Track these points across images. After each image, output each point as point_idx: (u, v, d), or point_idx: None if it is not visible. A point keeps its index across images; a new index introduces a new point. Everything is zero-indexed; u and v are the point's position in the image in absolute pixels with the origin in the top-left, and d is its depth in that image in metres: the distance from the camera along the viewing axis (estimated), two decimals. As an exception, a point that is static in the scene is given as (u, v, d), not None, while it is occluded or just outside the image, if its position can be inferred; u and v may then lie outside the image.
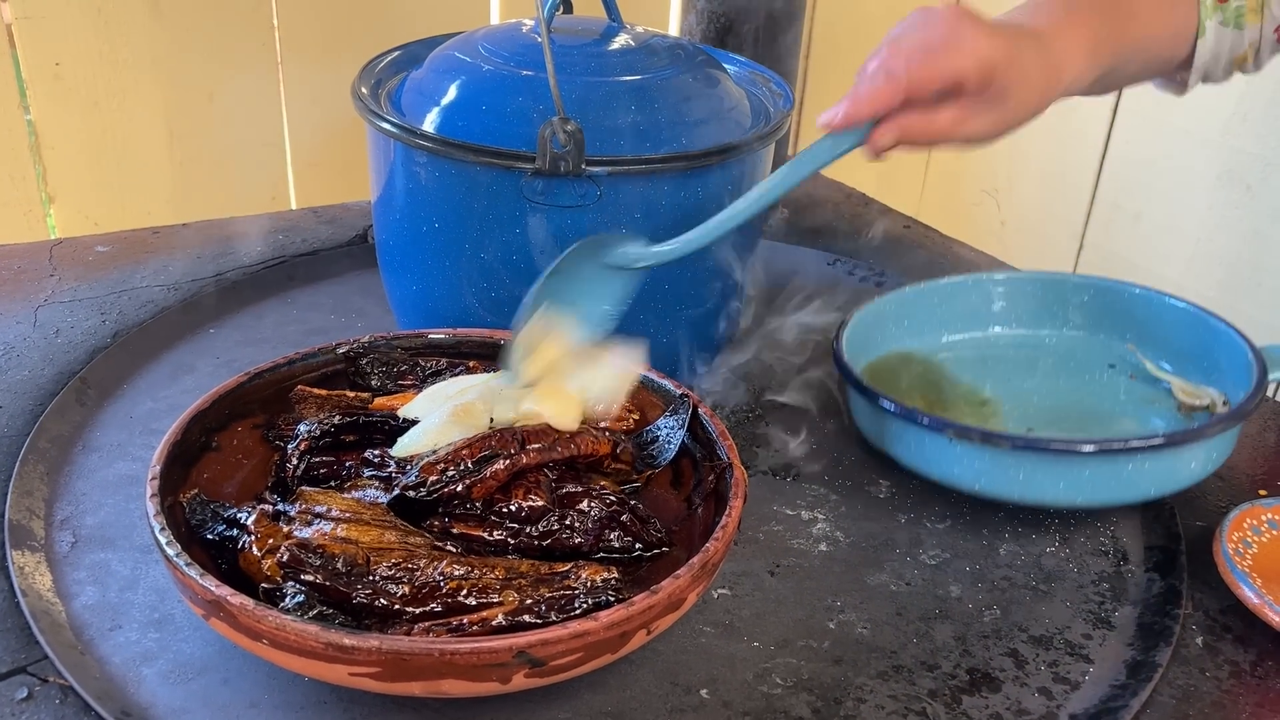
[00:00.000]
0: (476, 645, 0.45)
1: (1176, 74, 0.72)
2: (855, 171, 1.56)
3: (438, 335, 0.68)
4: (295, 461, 0.58)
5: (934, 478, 0.65)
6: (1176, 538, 0.64)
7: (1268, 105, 1.27)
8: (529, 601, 0.49)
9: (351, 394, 0.64)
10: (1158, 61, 0.71)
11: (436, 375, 0.66)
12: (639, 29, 0.75)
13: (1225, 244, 1.33)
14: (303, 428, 0.59)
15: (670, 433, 0.62)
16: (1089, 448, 0.61)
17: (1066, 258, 1.54)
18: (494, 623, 0.48)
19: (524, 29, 0.73)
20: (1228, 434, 0.64)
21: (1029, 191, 1.64)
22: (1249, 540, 0.60)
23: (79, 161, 1.19)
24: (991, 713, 0.52)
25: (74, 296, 0.82)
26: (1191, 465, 0.63)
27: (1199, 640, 0.57)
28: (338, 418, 0.59)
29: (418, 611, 0.49)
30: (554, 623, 0.48)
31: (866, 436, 0.70)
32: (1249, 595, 0.56)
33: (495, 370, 0.66)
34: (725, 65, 0.78)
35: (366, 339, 0.67)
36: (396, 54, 0.77)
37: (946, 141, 0.61)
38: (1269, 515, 0.62)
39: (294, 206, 1.29)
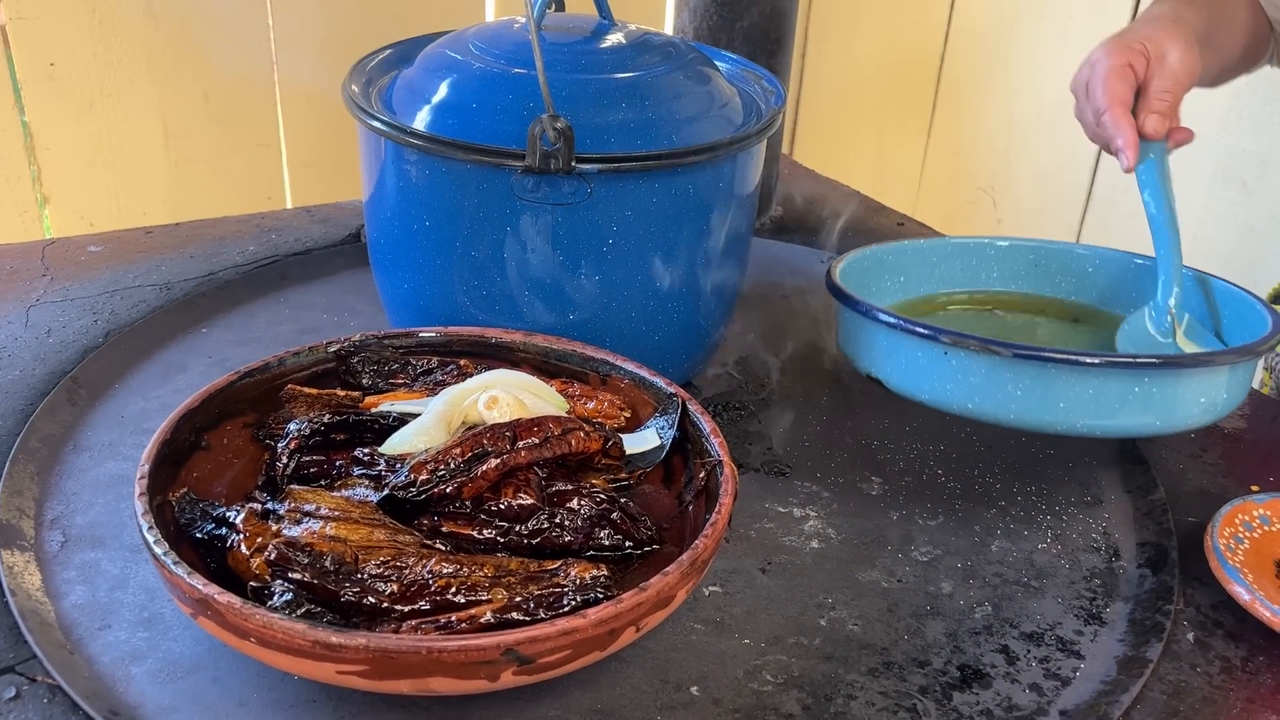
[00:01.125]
0: (464, 643, 0.44)
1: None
2: (852, 170, 1.56)
3: (428, 334, 0.68)
4: (285, 460, 0.58)
5: (922, 398, 0.64)
6: (1168, 533, 0.64)
7: (1263, 103, 1.27)
8: (517, 599, 0.49)
9: (342, 393, 0.64)
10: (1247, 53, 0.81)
11: (427, 374, 0.66)
12: (630, 26, 0.75)
13: (1221, 241, 1.33)
14: (293, 426, 0.59)
15: (661, 431, 0.62)
16: (1094, 359, 0.59)
17: (1063, 255, 1.54)
18: (482, 620, 0.48)
19: (515, 26, 0.73)
20: (1238, 372, 0.62)
21: (1025, 189, 1.64)
22: (1240, 536, 0.60)
23: (74, 162, 1.19)
24: (982, 709, 0.52)
25: (66, 296, 0.82)
26: (1200, 400, 0.61)
27: (1190, 636, 0.57)
28: (328, 417, 0.59)
29: (406, 609, 0.49)
30: (542, 620, 0.48)
31: (854, 360, 0.69)
32: (1240, 591, 0.56)
33: (487, 368, 0.66)
34: (717, 63, 0.78)
35: (357, 337, 0.67)
36: (388, 52, 0.77)
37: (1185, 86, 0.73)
38: (1261, 511, 0.62)
39: (289, 206, 1.29)
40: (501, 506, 0.55)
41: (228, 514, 0.53)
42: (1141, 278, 0.78)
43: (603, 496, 0.56)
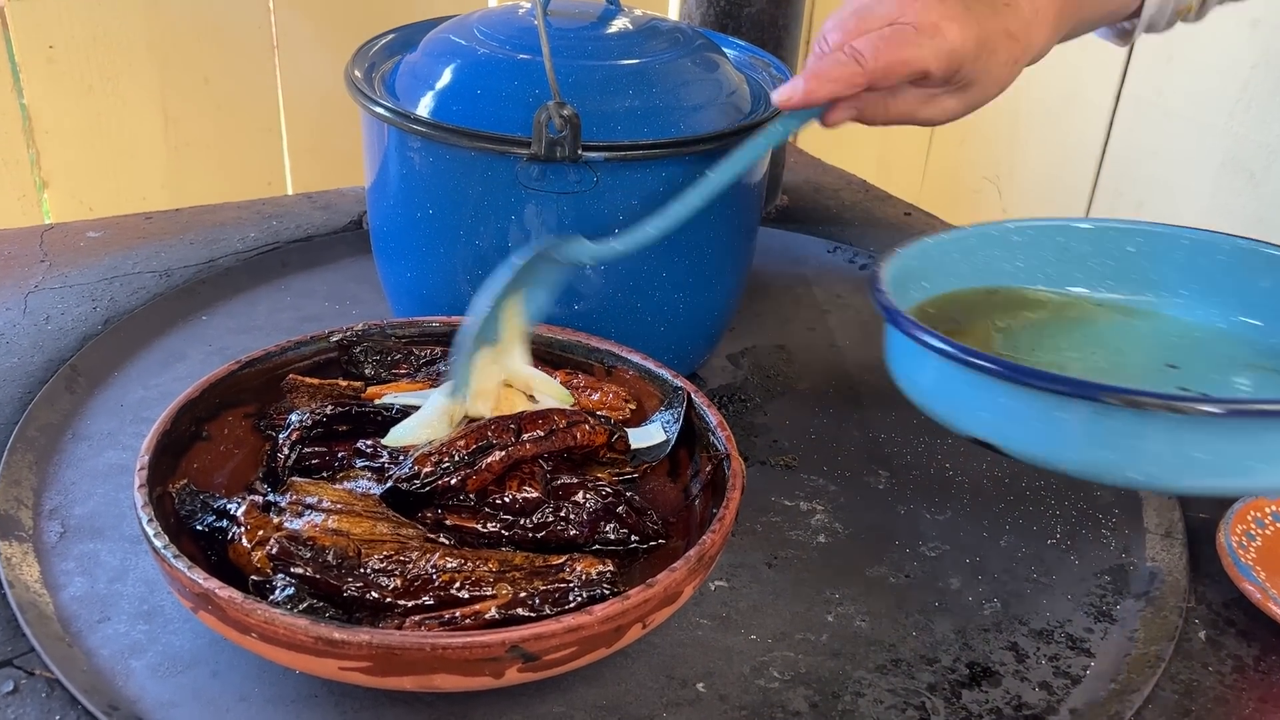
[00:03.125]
0: (469, 640, 0.44)
1: (1122, 24, 0.71)
2: (856, 158, 1.55)
3: (432, 323, 0.67)
4: (287, 451, 0.57)
5: (1064, 466, 0.51)
6: (1180, 530, 0.63)
7: (1271, 93, 1.26)
8: (522, 595, 0.48)
9: (344, 383, 0.63)
10: (1111, 15, 0.69)
11: (430, 364, 0.65)
12: (637, 12, 0.74)
13: (1229, 231, 1.32)
14: (295, 417, 0.58)
15: (667, 425, 0.62)
16: None
17: (1068, 246, 1.53)
18: (487, 616, 0.47)
19: (520, 12, 0.72)
20: None
21: (1030, 179, 1.62)
22: (1253, 533, 0.60)
23: (73, 146, 1.18)
24: (991, 707, 0.52)
25: (65, 283, 0.81)
26: None
27: (1202, 634, 0.56)
28: (330, 408, 0.59)
29: (409, 604, 0.48)
30: (548, 616, 0.47)
31: (944, 419, 0.55)
32: (1252, 589, 0.55)
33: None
34: (725, 49, 0.77)
35: (360, 327, 0.66)
36: (391, 37, 0.76)
37: (905, 123, 0.61)
38: (1274, 508, 0.61)
39: (290, 192, 1.28)
40: (506, 500, 0.54)
41: (228, 506, 0.52)
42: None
43: (608, 490, 0.55)
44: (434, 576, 0.49)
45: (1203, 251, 0.65)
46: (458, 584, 0.49)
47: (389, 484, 0.53)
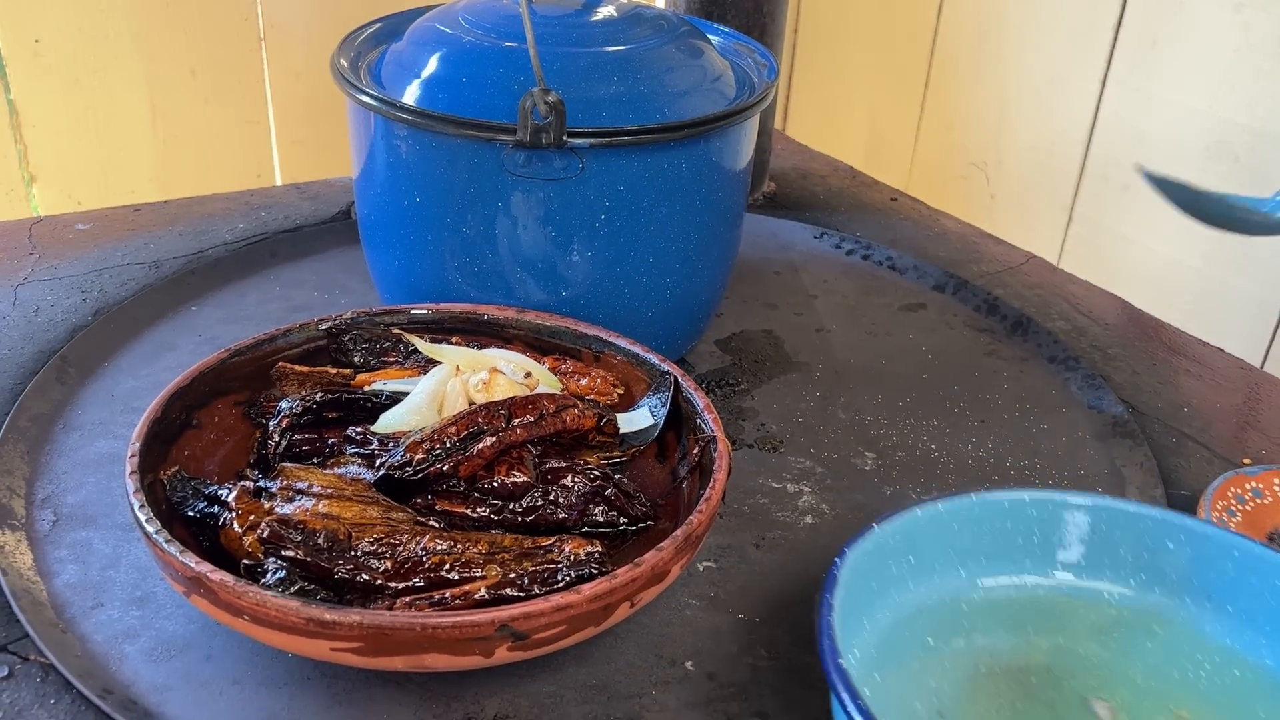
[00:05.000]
0: (459, 619, 0.44)
1: None
2: (845, 145, 1.55)
3: (420, 311, 0.67)
4: (277, 439, 0.57)
5: None
6: (1163, 507, 0.64)
7: (1254, 76, 1.26)
8: (511, 575, 0.49)
9: (333, 370, 0.64)
10: None
11: (419, 352, 0.66)
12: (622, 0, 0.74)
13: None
14: (285, 404, 0.58)
15: (654, 409, 0.62)
16: None
17: (1055, 230, 1.54)
18: (476, 597, 0.48)
19: (505, 0, 0.72)
20: None
21: (1018, 164, 1.63)
22: (1233, 509, 0.61)
23: (61, 139, 1.18)
24: (975, 682, 0.52)
25: (54, 275, 0.81)
26: None
27: (1182, 608, 0.57)
28: (320, 395, 0.59)
29: (400, 586, 0.49)
30: (536, 596, 0.47)
31: None
32: (1232, 564, 0.56)
33: (478, 346, 0.66)
34: (709, 36, 0.78)
35: (349, 315, 0.66)
36: (377, 26, 0.76)
37: None
38: (1253, 484, 0.62)
39: (279, 183, 1.28)
40: (495, 484, 0.54)
41: (220, 492, 0.53)
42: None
43: (597, 473, 0.56)
44: (424, 559, 0.49)
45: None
46: (447, 566, 0.49)
47: (381, 472, 0.53)
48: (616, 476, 0.57)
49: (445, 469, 0.53)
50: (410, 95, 0.66)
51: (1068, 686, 0.49)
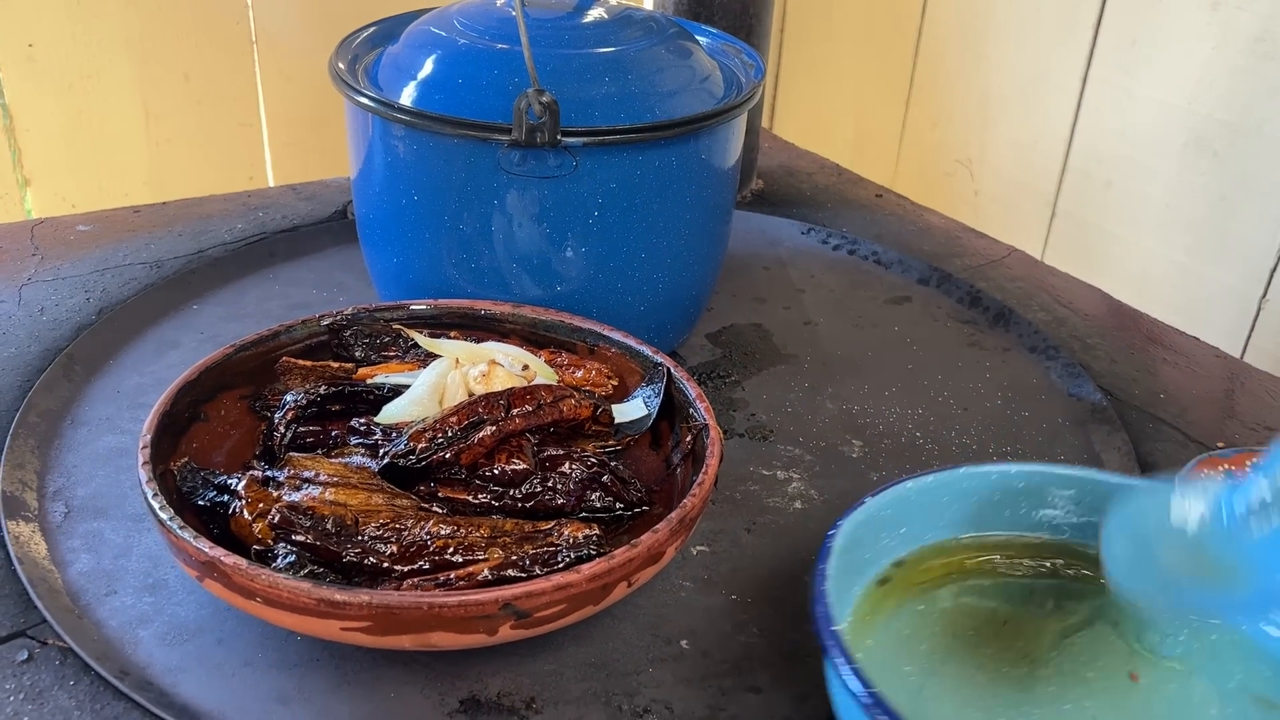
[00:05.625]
0: (464, 598, 0.46)
1: None
2: (831, 143, 1.57)
3: (419, 306, 0.69)
4: (282, 430, 0.59)
5: None
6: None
7: (1233, 72, 1.29)
8: (513, 557, 0.51)
9: (335, 365, 0.65)
10: None
11: (418, 346, 0.68)
12: (612, 2, 0.76)
13: (1193, 209, 1.35)
14: (289, 398, 0.60)
15: (648, 400, 0.64)
16: None
17: (1039, 225, 1.57)
18: (480, 578, 0.50)
19: (499, 3, 0.74)
20: None
21: (1001, 161, 1.66)
22: (1206, 490, 0.63)
23: (55, 143, 1.20)
24: (960, 657, 0.55)
25: (57, 275, 0.82)
26: None
27: (1158, 585, 0.59)
28: (324, 388, 0.61)
29: (406, 569, 0.51)
30: (538, 576, 0.49)
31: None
32: (1205, 541, 0.58)
33: (477, 339, 0.67)
34: (698, 37, 0.80)
35: (349, 311, 0.68)
36: (373, 29, 0.78)
37: None
38: (1226, 465, 0.64)
39: (271, 185, 1.30)
40: (496, 472, 0.56)
41: (229, 481, 0.54)
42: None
43: (593, 460, 0.58)
44: (429, 542, 0.51)
45: None
46: (451, 549, 0.51)
47: (386, 460, 0.55)
48: (613, 463, 0.58)
49: (447, 457, 0.55)
50: (407, 97, 0.68)
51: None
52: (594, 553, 0.51)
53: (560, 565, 0.50)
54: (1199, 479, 0.63)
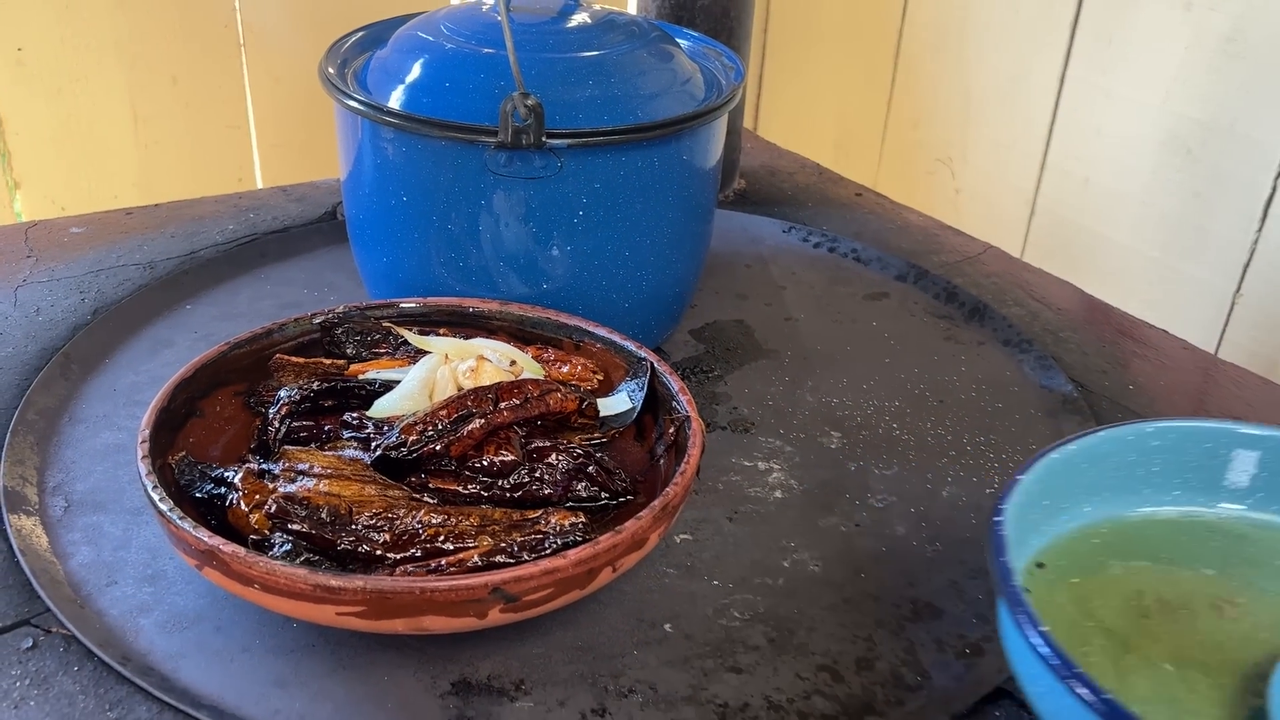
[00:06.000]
0: (454, 583, 0.48)
1: None
2: (815, 143, 1.60)
3: (409, 304, 0.71)
4: (277, 425, 0.61)
5: None
6: None
7: (1205, 72, 1.32)
8: (502, 544, 0.52)
9: (328, 362, 0.67)
10: None
11: (408, 343, 0.69)
12: (595, 7, 0.78)
13: (1168, 206, 1.38)
14: (284, 393, 0.62)
15: (632, 394, 0.66)
16: None
17: (1019, 223, 1.59)
18: (470, 564, 0.52)
19: (484, 8, 0.76)
20: None
21: (982, 160, 1.68)
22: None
23: (44, 146, 1.21)
24: (934, 637, 0.57)
25: (52, 276, 0.84)
26: None
27: (1124, 568, 0.62)
28: (317, 383, 0.63)
29: (398, 556, 0.52)
30: (526, 562, 0.51)
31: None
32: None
33: (465, 336, 0.69)
34: (679, 40, 0.82)
35: (341, 309, 0.70)
36: (361, 34, 0.80)
37: None
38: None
39: (260, 186, 1.31)
40: (485, 463, 0.58)
41: (226, 474, 0.56)
42: None
43: (579, 451, 0.60)
44: (420, 531, 0.53)
45: None
46: (442, 537, 0.53)
47: (378, 452, 0.57)
48: (598, 455, 0.60)
49: (438, 449, 0.57)
50: (396, 100, 0.70)
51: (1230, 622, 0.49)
52: (580, 539, 0.53)
53: (547, 551, 0.52)
54: None
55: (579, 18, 0.76)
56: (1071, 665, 0.41)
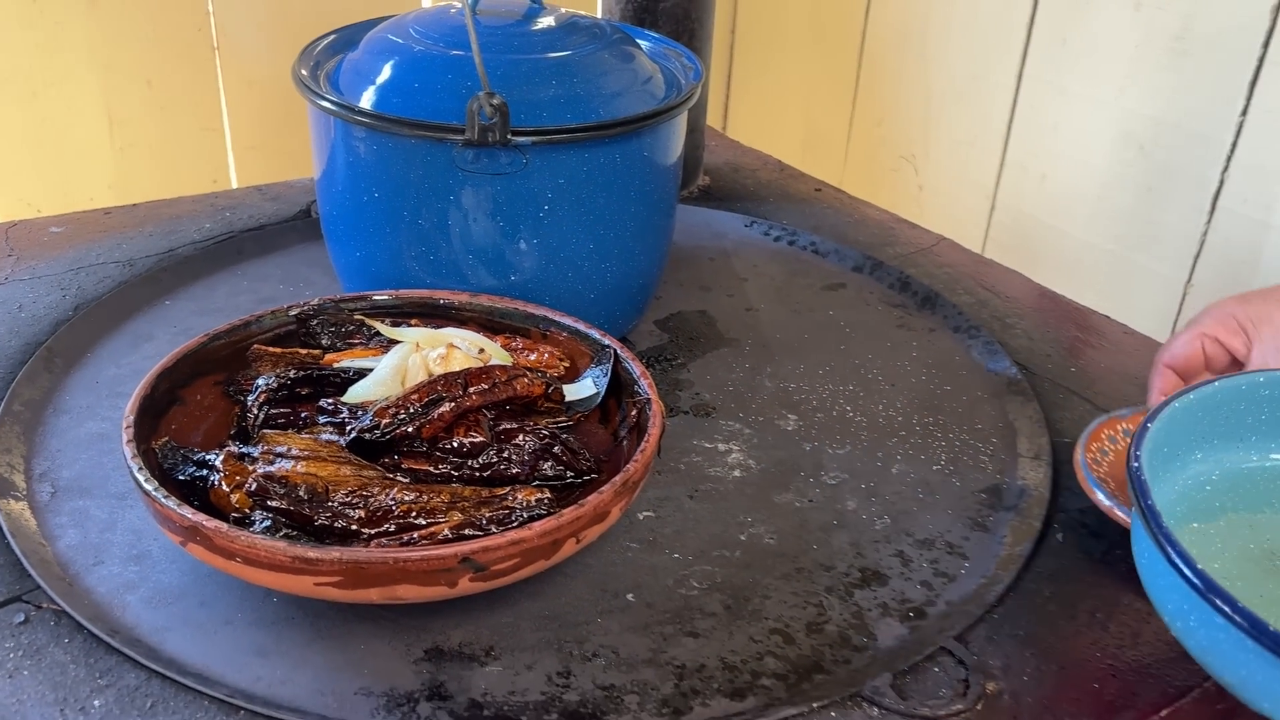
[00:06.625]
0: (426, 553, 0.51)
1: None
2: (782, 141, 1.63)
3: (381, 297, 0.74)
4: (255, 412, 0.64)
5: None
6: (1047, 453, 0.72)
7: (1154, 70, 1.36)
8: (472, 519, 0.56)
9: (304, 352, 0.70)
10: None
11: (381, 334, 0.72)
12: (560, 10, 0.81)
13: (1121, 201, 1.42)
14: (261, 381, 0.65)
15: (597, 380, 0.69)
16: None
17: (980, 218, 1.63)
18: (441, 536, 0.55)
19: (452, 11, 0.79)
20: None
21: (943, 157, 1.72)
22: (1106, 449, 0.69)
23: (19, 150, 1.22)
24: (879, 602, 0.60)
25: (33, 274, 0.86)
26: None
27: (1060, 536, 0.65)
28: (293, 372, 0.65)
29: (373, 531, 0.55)
30: (494, 534, 0.54)
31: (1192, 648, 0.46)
32: (1101, 499, 0.64)
33: (436, 327, 0.72)
34: (640, 41, 0.85)
35: (316, 302, 0.72)
36: (333, 37, 0.83)
37: None
38: (1125, 425, 0.70)
39: (235, 188, 1.33)
40: (455, 444, 0.61)
41: (207, 457, 0.59)
42: None
43: (546, 432, 0.63)
44: (394, 507, 0.56)
45: None
46: (415, 513, 0.56)
47: (353, 434, 0.60)
48: (564, 436, 0.63)
49: (410, 431, 0.60)
50: (367, 100, 0.73)
51: None
52: (545, 513, 0.56)
53: (515, 524, 0.55)
54: (1100, 441, 0.69)
55: (543, 20, 0.79)
56: (1235, 602, 0.41)
